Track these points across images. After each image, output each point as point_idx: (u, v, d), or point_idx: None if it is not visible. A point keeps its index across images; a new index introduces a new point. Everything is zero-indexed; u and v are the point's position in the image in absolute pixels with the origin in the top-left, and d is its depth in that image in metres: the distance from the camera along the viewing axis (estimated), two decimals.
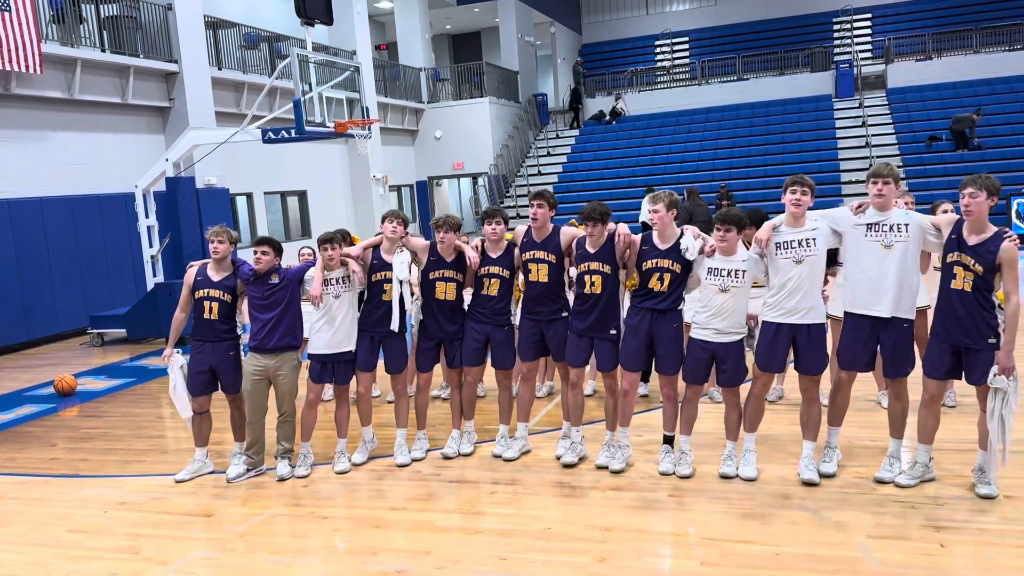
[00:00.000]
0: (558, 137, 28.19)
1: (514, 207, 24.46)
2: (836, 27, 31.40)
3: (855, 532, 4.46)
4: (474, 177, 26.13)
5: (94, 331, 12.75)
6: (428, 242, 5.91)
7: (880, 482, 5.03)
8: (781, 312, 5.11)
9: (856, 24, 31.18)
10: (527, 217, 5.61)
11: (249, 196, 18.72)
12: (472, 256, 5.79)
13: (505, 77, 27.68)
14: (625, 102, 28.02)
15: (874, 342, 5.04)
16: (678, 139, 25.82)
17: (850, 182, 21.44)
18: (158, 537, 5.08)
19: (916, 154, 22.10)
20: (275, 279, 5.82)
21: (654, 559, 4.40)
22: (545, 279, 5.66)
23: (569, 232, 5.69)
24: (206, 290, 5.85)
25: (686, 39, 33.60)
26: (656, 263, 5.30)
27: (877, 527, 4.51)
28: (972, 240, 4.66)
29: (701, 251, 5.26)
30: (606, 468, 5.59)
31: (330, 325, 5.84)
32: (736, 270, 5.15)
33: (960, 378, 4.89)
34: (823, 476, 5.16)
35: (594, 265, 5.47)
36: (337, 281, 5.84)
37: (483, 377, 6.53)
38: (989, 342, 4.66)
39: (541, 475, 5.64)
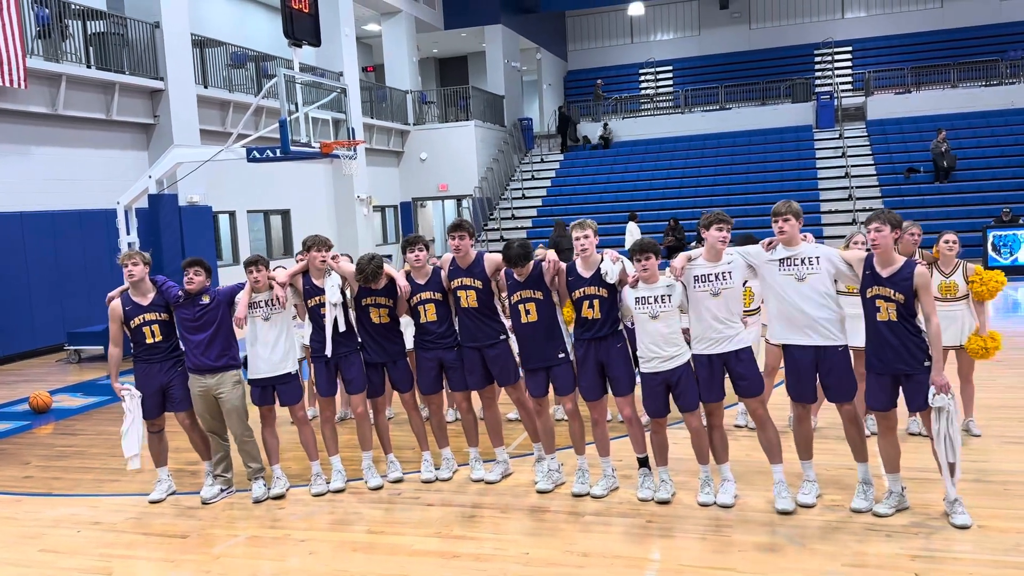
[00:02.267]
0: (543, 161, 28.38)
1: (498, 229, 24.56)
2: (817, 59, 31.90)
3: (830, 561, 4.48)
4: (459, 199, 26.23)
5: (71, 348, 12.63)
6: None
7: (857, 511, 5.06)
8: (708, 343, 5.22)
9: (837, 57, 31.69)
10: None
11: (232, 214, 18.68)
12: (402, 283, 5.81)
13: (491, 101, 27.88)
14: (610, 130, 28.23)
15: (813, 370, 5.13)
16: (661, 166, 26.06)
17: (829, 212, 21.72)
18: (132, 558, 5.03)
19: (894, 185, 22.43)
20: (206, 299, 5.80)
21: None
22: (475, 304, 5.72)
23: (492, 259, 5.76)
24: (141, 316, 5.82)
25: (670, 68, 34.00)
26: (584, 291, 5.40)
27: (852, 556, 4.53)
28: (885, 272, 4.85)
29: (622, 280, 5.33)
30: (583, 496, 5.58)
31: (263, 348, 5.83)
32: (662, 295, 5.25)
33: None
34: (801, 506, 5.18)
35: (525, 293, 5.55)
36: (265, 304, 5.82)
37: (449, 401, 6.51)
38: (925, 365, 4.81)
39: (520, 499, 5.64)
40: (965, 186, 21.63)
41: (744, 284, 5.54)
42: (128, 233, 12.59)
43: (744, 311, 5.54)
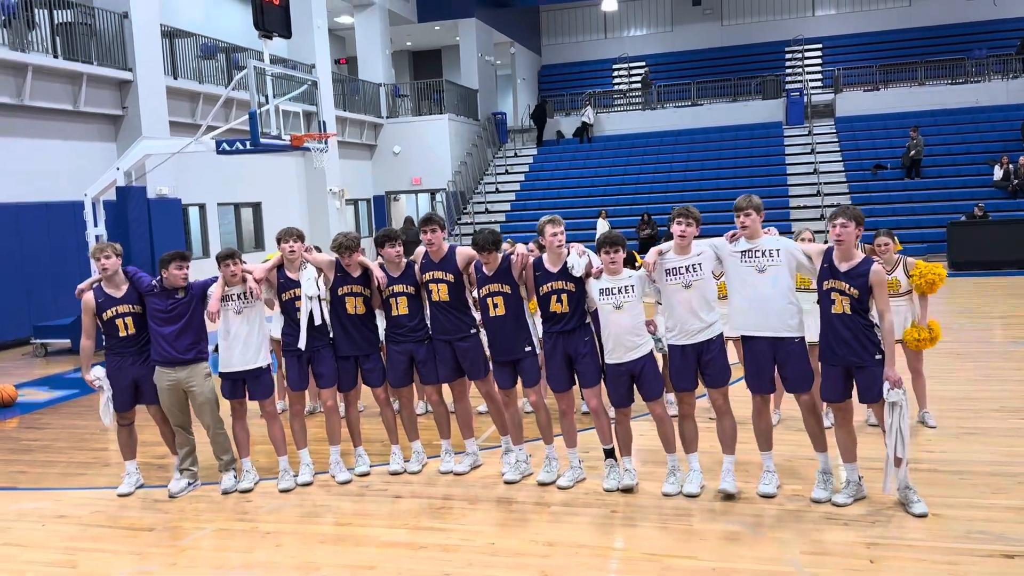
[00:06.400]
0: (516, 155, 28.40)
1: (471, 223, 24.58)
2: (788, 56, 32.20)
3: (790, 548, 4.58)
4: (432, 193, 26.19)
5: (37, 341, 12.48)
6: (332, 258, 5.93)
7: (816, 502, 5.17)
8: (682, 335, 5.32)
9: (807, 54, 32.01)
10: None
11: (202, 207, 18.51)
12: (379, 274, 5.86)
13: (464, 95, 27.84)
14: (589, 115, 28.14)
15: (771, 362, 5.25)
16: (633, 161, 26.19)
17: (799, 207, 21.97)
18: (97, 551, 5.02)
19: (862, 181, 22.74)
20: (180, 292, 5.79)
21: (596, 574, 4.47)
22: (446, 298, 5.77)
23: (464, 252, 5.82)
24: (114, 308, 5.78)
25: (643, 64, 34.16)
26: (551, 286, 5.48)
27: (811, 543, 4.64)
28: (844, 267, 5.00)
29: (588, 272, 5.42)
30: (549, 484, 5.66)
31: (235, 342, 5.83)
32: (625, 286, 5.36)
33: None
34: (762, 496, 5.28)
35: (494, 287, 5.62)
36: (237, 297, 5.82)
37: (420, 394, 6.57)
38: (876, 358, 4.96)
39: (486, 491, 5.69)
40: (931, 183, 21.99)
41: (719, 277, 5.64)
42: (96, 226, 12.46)
43: None
